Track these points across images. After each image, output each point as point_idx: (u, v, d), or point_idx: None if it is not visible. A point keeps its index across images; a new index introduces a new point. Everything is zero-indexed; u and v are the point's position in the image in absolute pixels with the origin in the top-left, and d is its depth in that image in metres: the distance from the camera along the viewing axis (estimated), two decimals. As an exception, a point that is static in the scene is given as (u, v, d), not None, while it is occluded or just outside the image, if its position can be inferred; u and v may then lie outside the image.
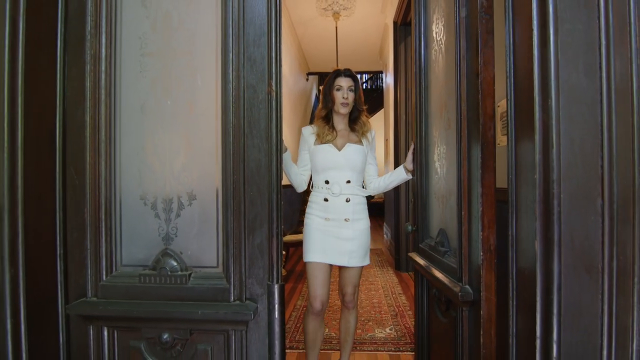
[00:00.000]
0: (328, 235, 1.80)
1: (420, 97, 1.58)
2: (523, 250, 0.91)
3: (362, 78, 11.69)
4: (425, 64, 1.54)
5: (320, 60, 7.47)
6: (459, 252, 1.07)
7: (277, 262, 0.98)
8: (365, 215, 1.93)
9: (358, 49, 6.84)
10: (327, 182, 1.83)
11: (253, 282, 0.99)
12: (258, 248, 0.98)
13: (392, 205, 4.73)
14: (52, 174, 1.01)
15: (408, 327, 2.78)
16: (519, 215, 0.93)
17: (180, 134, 1.02)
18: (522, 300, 0.91)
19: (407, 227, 1.78)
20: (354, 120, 1.96)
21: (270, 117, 0.97)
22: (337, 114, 1.92)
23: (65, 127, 1.02)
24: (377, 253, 5.69)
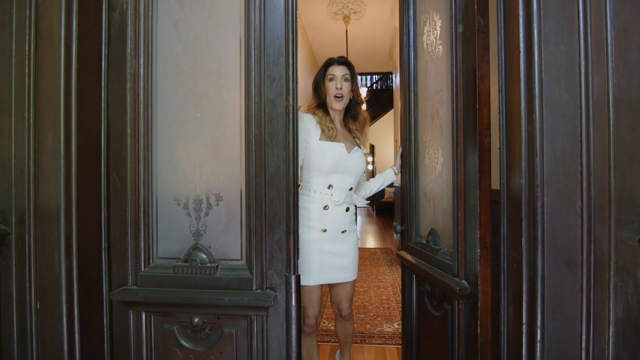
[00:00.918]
0: (324, 253, 1.60)
1: (409, 103, 1.59)
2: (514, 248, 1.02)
3: (372, 78, 11.76)
4: (415, 73, 1.58)
5: (331, 63, 7.55)
6: (456, 250, 1.17)
7: (293, 255, 1.11)
8: (356, 226, 1.77)
9: (368, 51, 6.94)
10: (330, 186, 1.59)
11: (272, 273, 1.12)
12: (277, 243, 1.11)
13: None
14: (98, 178, 1.16)
15: (415, 322, 2.88)
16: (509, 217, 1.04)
17: (209, 143, 1.16)
18: (511, 292, 1.02)
19: (395, 227, 1.70)
20: (355, 117, 1.72)
21: (288, 128, 1.10)
22: (331, 111, 1.66)
23: (109, 137, 1.17)
24: (386, 252, 5.78)
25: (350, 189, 1.65)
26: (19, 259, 1.07)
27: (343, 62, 1.65)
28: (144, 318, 1.18)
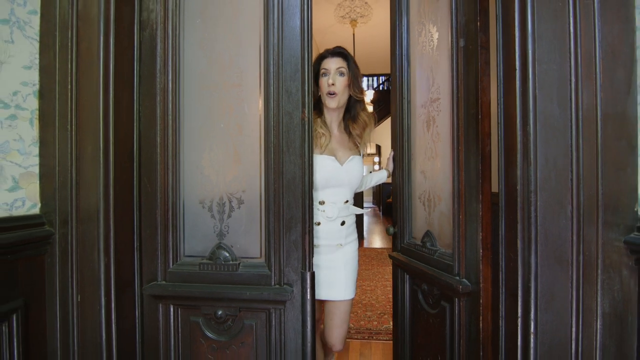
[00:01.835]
0: (318, 269, 1.48)
1: (402, 110, 1.62)
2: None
3: (379, 79, 11.82)
4: (408, 81, 1.62)
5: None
6: (457, 250, 1.26)
7: (308, 254, 1.21)
8: (356, 236, 1.62)
9: (375, 53, 7.02)
10: (322, 202, 1.48)
11: (289, 270, 1.23)
12: (293, 243, 1.22)
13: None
14: (131, 184, 1.28)
15: (421, 320, 2.97)
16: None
17: (231, 151, 1.27)
18: (508, 288, 1.12)
19: (388, 229, 1.69)
20: (354, 118, 1.54)
21: (304, 138, 1.20)
22: (327, 110, 1.51)
23: (141, 146, 1.29)
24: (393, 252, 5.86)
25: (347, 202, 1.52)
26: (62, 257, 1.19)
27: (338, 52, 1.45)
28: (172, 310, 1.30)
